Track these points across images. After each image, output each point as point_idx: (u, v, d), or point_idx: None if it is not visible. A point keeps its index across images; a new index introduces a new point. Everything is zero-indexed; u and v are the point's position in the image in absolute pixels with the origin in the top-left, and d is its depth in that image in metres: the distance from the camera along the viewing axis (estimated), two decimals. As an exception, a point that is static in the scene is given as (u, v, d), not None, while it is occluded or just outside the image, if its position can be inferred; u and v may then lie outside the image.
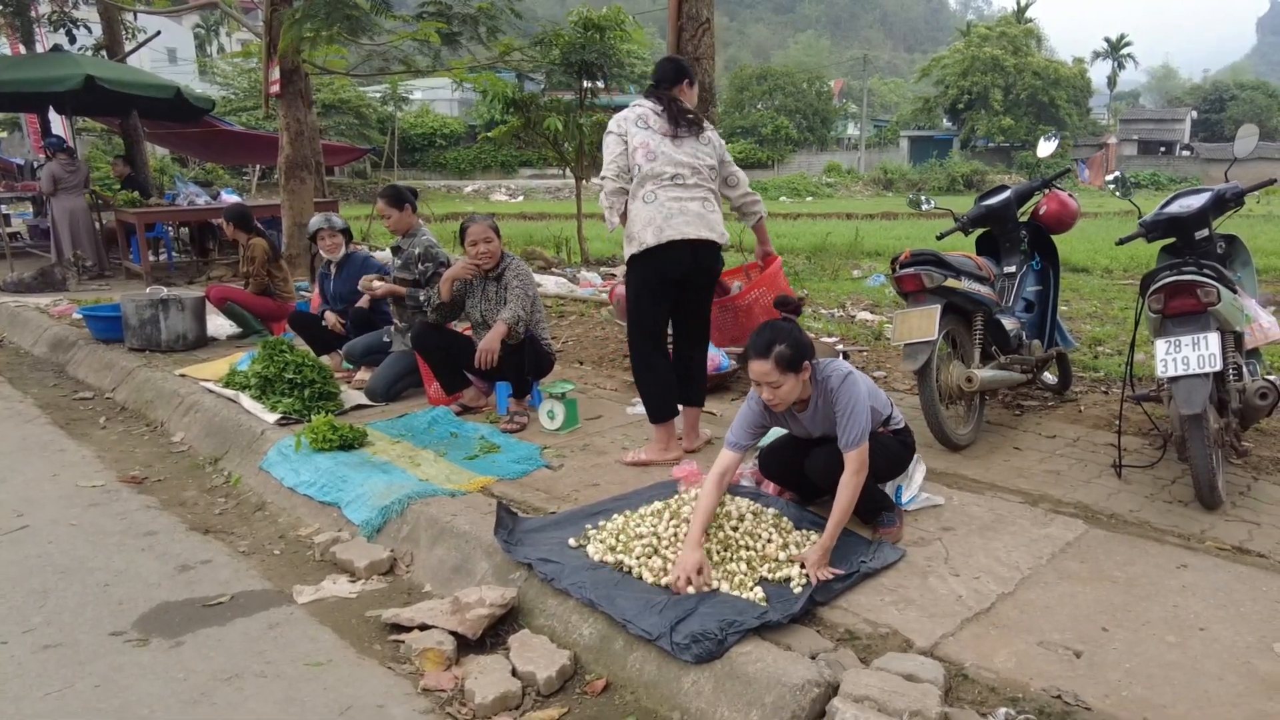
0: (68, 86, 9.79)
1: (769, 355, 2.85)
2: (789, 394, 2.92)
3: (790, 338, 2.88)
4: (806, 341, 2.94)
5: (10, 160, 17.48)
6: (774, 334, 2.90)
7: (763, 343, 2.88)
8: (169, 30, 34.00)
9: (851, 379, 2.98)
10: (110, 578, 3.24)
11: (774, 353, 2.85)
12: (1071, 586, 2.82)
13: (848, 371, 3.01)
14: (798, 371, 2.89)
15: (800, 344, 2.90)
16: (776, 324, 2.99)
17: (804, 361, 2.91)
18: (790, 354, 2.86)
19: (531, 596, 2.88)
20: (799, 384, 2.92)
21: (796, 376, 2.89)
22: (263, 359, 4.94)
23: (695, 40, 5.53)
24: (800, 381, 2.93)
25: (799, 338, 2.91)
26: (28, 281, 9.33)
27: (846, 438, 2.90)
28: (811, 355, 2.95)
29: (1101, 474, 3.81)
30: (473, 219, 4.63)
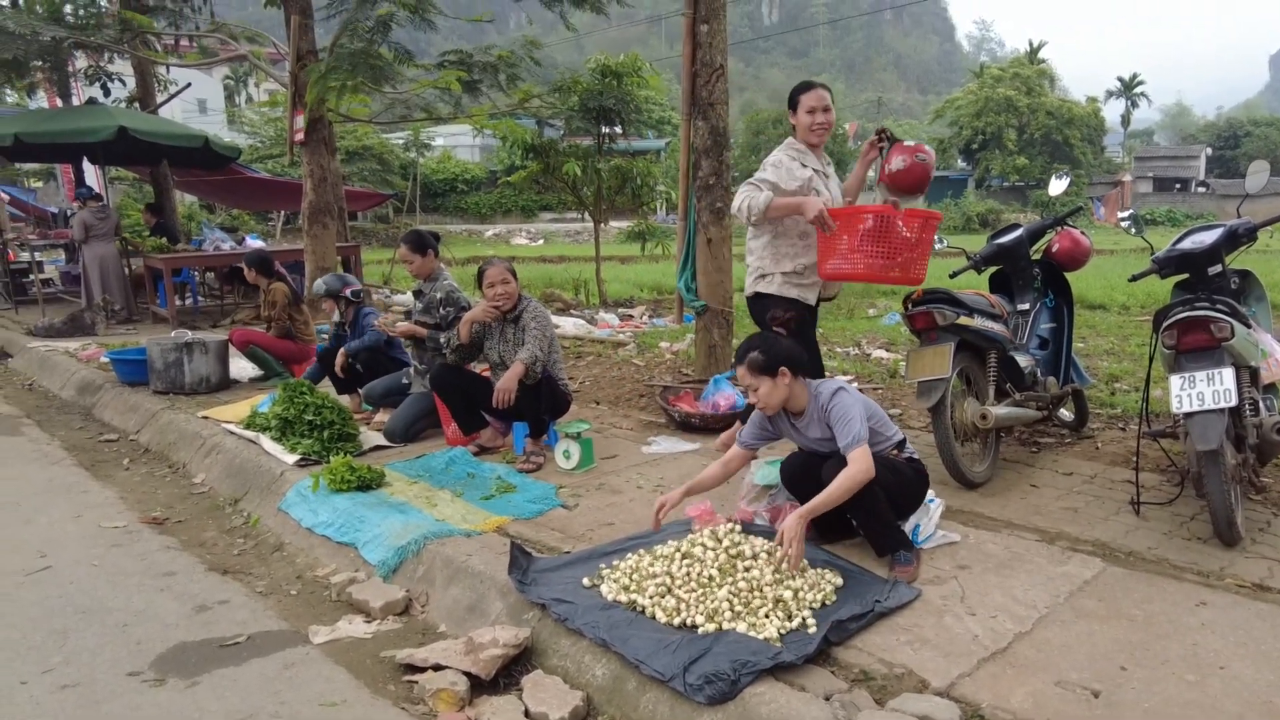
0: (101, 137, 10.10)
1: (744, 361, 3.17)
2: (768, 397, 3.18)
3: (764, 346, 3.16)
4: (783, 350, 3.17)
5: (45, 208, 17.97)
6: (750, 343, 3.20)
7: (741, 351, 3.21)
8: (200, 82, 34.97)
9: (843, 392, 3.19)
10: (129, 618, 3.28)
11: (748, 359, 3.15)
12: (1089, 625, 2.79)
13: (839, 386, 3.23)
14: (773, 375, 3.14)
15: (773, 351, 3.15)
16: (755, 335, 3.34)
17: (779, 367, 3.14)
18: (763, 359, 3.13)
19: (545, 636, 2.89)
20: (776, 387, 3.16)
21: (773, 380, 3.14)
22: (283, 401, 5.02)
23: (709, 86, 5.64)
24: (779, 386, 3.16)
25: (774, 346, 3.17)
26: (58, 326, 9.54)
27: (845, 440, 3.08)
28: (793, 364, 3.17)
29: (1119, 511, 3.78)
30: (490, 262, 4.72)
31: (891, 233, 3.64)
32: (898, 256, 3.66)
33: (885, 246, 3.66)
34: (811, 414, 3.25)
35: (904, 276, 3.73)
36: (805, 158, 4.05)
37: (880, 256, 3.66)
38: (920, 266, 3.77)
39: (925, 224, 3.77)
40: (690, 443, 4.97)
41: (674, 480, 4.32)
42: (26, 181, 28.61)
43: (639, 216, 12.72)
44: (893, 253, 3.66)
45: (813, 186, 4.00)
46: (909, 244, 3.67)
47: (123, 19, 11.01)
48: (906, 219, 3.67)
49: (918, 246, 3.72)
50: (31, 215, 17.09)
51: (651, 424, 5.48)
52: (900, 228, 3.65)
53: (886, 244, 3.65)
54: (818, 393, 3.23)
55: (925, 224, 3.77)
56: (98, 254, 10.39)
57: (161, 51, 12.99)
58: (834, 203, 3.99)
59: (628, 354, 7.83)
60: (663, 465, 4.60)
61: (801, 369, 3.24)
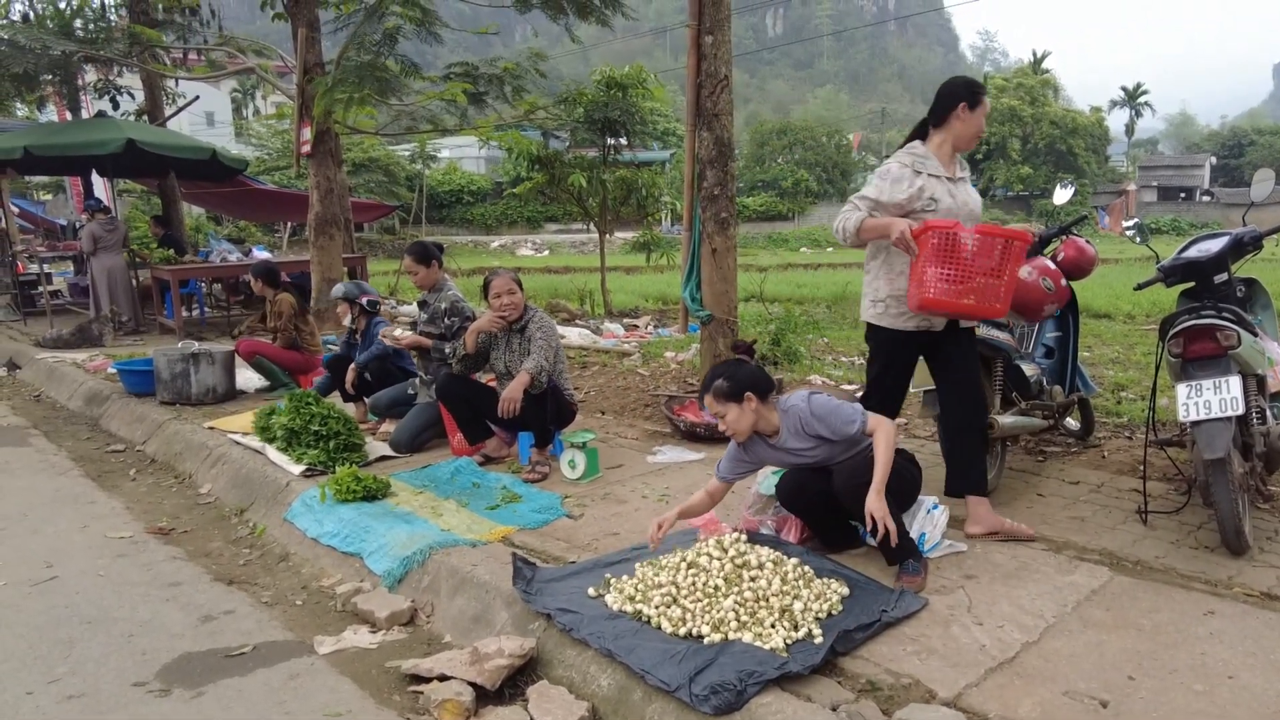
0: (110, 150, 10.18)
1: (709, 389, 3.21)
2: (736, 422, 3.19)
3: (729, 372, 3.20)
4: (750, 376, 3.20)
5: (54, 221, 18.09)
6: (715, 371, 3.25)
7: (708, 379, 3.25)
8: (208, 95, 35.28)
9: (816, 396, 3.25)
10: (135, 628, 3.28)
11: (713, 386, 3.20)
12: (1097, 635, 2.77)
13: (809, 393, 3.27)
14: (738, 402, 3.16)
15: (737, 377, 3.18)
16: (722, 362, 3.39)
17: (745, 392, 3.16)
18: (728, 385, 3.16)
19: (550, 647, 2.88)
20: (744, 413, 3.18)
21: (739, 406, 3.17)
22: (289, 411, 5.03)
23: (714, 97, 5.66)
24: (744, 411, 3.17)
25: (739, 372, 3.20)
26: (66, 337, 9.59)
27: (848, 422, 3.14)
28: (759, 388, 3.19)
29: (1126, 520, 3.76)
30: (496, 273, 4.74)
31: (957, 252, 3.19)
32: (969, 281, 3.21)
33: (953, 269, 3.21)
34: (786, 428, 3.25)
35: (979, 307, 3.26)
36: (925, 163, 3.46)
37: (950, 280, 3.20)
38: (1000, 296, 3.26)
39: (1006, 247, 3.23)
40: (695, 452, 4.97)
41: (679, 490, 4.32)
42: (35, 194, 28.83)
43: (644, 227, 12.76)
44: (963, 277, 3.20)
45: (929, 196, 3.42)
46: (985, 268, 3.21)
47: (132, 33, 11.11)
48: (980, 237, 3.22)
49: (999, 273, 3.22)
50: (40, 228, 17.21)
51: (656, 433, 5.48)
52: (966, 244, 3.19)
53: (954, 266, 3.20)
54: (787, 407, 3.25)
55: (1006, 247, 3.23)
56: (105, 266, 10.46)
57: (170, 65, 13.11)
58: (959, 211, 3.44)
59: (633, 364, 7.84)
60: (668, 475, 4.60)
61: (768, 392, 3.23)
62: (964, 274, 3.21)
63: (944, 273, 3.21)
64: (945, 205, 3.43)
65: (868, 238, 3.47)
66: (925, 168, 3.46)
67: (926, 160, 3.48)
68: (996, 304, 3.28)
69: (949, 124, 3.48)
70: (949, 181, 3.49)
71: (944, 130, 3.50)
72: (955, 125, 3.47)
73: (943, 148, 3.50)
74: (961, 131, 3.48)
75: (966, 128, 3.47)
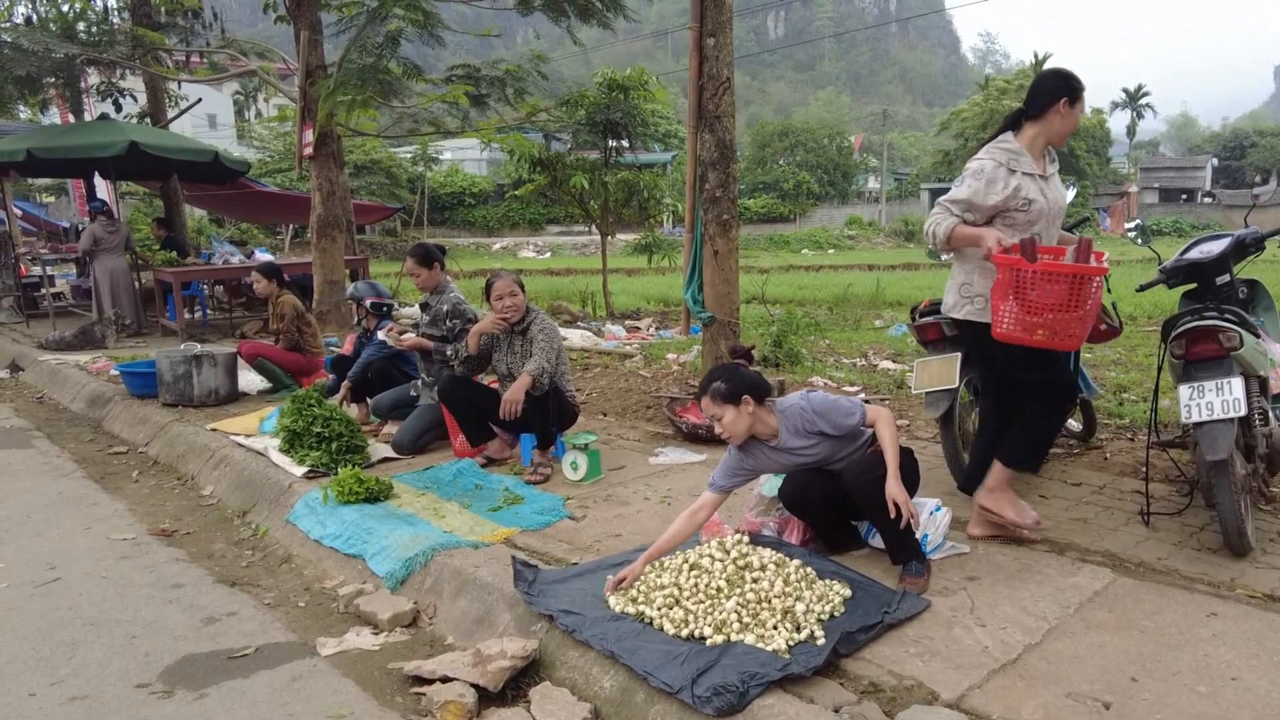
0: (112, 152, 10.20)
1: (707, 391, 3.19)
2: (732, 425, 3.16)
3: (726, 375, 3.18)
4: (747, 379, 3.18)
5: (56, 223, 18.12)
6: (713, 374, 3.23)
7: (705, 381, 3.23)
8: (210, 97, 35.32)
9: (813, 394, 3.29)
10: (138, 630, 3.29)
11: (711, 388, 3.17)
12: (1100, 636, 2.77)
13: (805, 392, 3.31)
14: (735, 404, 3.14)
15: (735, 380, 3.16)
16: (720, 365, 3.37)
17: (742, 395, 3.14)
18: (725, 388, 3.14)
19: (553, 648, 2.88)
20: (740, 416, 3.15)
21: (735, 409, 3.14)
22: (291, 413, 5.03)
23: (716, 99, 5.67)
24: (741, 414, 3.15)
25: (737, 375, 3.19)
26: (68, 339, 9.60)
27: (849, 415, 3.20)
28: (756, 392, 3.17)
29: (1128, 521, 3.76)
30: (498, 275, 4.74)
31: (1023, 287, 3.04)
32: (1039, 315, 3.05)
33: (1020, 305, 3.06)
34: (786, 429, 3.25)
35: (1051, 340, 3.09)
36: (1019, 160, 3.29)
37: (1017, 315, 3.07)
38: (1073, 330, 3.07)
39: (1076, 284, 2.99)
40: (697, 453, 4.97)
41: (681, 491, 4.32)
42: (38, 197, 28.89)
43: (646, 229, 12.77)
44: (1031, 310, 3.05)
45: (1024, 197, 3.28)
46: (1054, 305, 3.02)
47: (135, 36, 11.13)
48: (1044, 274, 3.01)
49: (1071, 307, 3.02)
50: (43, 230, 17.25)
51: (658, 435, 5.48)
52: (1028, 279, 3.02)
53: (1021, 302, 3.05)
54: (785, 408, 3.26)
55: (1076, 284, 2.99)
56: (108, 268, 10.47)
57: (173, 68, 13.13)
58: (1050, 210, 3.33)
59: (634, 365, 7.84)
60: (670, 476, 4.60)
61: (765, 395, 3.22)
62: (1031, 309, 3.05)
63: (1011, 307, 3.08)
64: (1039, 206, 3.29)
65: (958, 246, 3.34)
66: (1019, 165, 3.29)
67: (1020, 157, 3.31)
68: (1070, 337, 3.10)
69: (1047, 118, 3.31)
70: (1041, 179, 3.34)
71: (1040, 124, 3.32)
72: (1054, 120, 3.31)
73: (1036, 142, 3.35)
74: (1060, 128, 3.33)
75: (1065, 124, 3.32)
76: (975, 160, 3.35)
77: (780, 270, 22.12)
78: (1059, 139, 3.36)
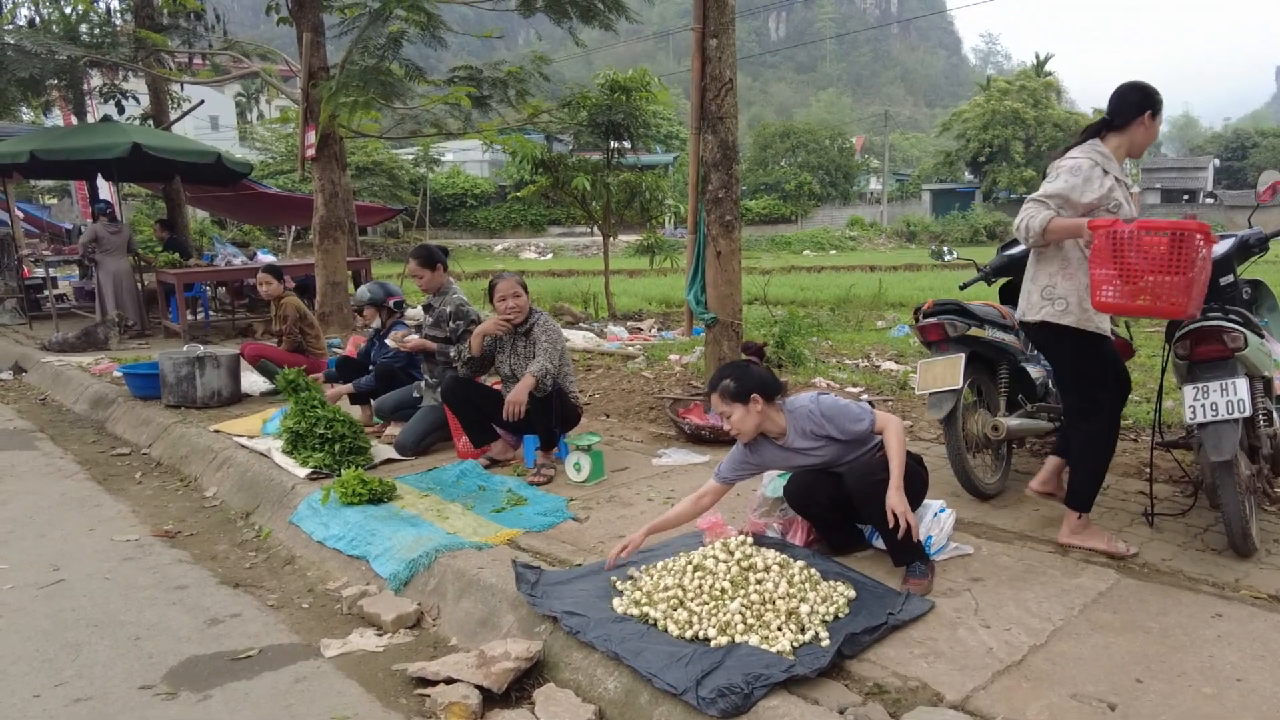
0: (115, 154, 10.21)
1: (716, 389, 3.21)
2: (741, 423, 3.18)
3: (736, 373, 3.20)
4: (757, 378, 3.20)
5: (60, 225, 18.14)
6: (722, 371, 3.24)
7: (715, 379, 3.25)
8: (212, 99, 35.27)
9: (823, 396, 3.28)
10: (141, 631, 3.29)
11: (720, 386, 3.19)
12: (1105, 637, 2.77)
13: (817, 394, 3.31)
14: (744, 403, 3.16)
15: (744, 378, 3.17)
16: (729, 363, 3.37)
17: (751, 394, 3.15)
18: (735, 386, 3.16)
19: (557, 649, 2.88)
20: (749, 414, 3.17)
21: (744, 407, 3.16)
22: (294, 414, 5.03)
23: (719, 100, 5.67)
24: (750, 412, 3.17)
25: (747, 373, 3.20)
26: (71, 341, 9.61)
27: (856, 420, 3.19)
28: (765, 390, 3.18)
29: (1133, 522, 3.75)
30: (501, 276, 4.74)
31: (1120, 251, 2.99)
32: (1138, 280, 2.98)
33: (1116, 269, 3.00)
34: (793, 429, 3.26)
35: (1154, 306, 2.99)
36: (1110, 164, 3.33)
37: (1115, 281, 3.01)
38: (1177, 294, 2.94)
39: (1179, 241, 2.91)
40: (700, 454, 4.97)
41: (684, 492, 4.29)
42: (41, 198, 28.92)
43: (648, 230, 12.77)
44: (1129, 276, 2.98)
45: (1116, 198, 3.30)
46: (1153, 266, 2.94)
47: (137, 38, 11.15)
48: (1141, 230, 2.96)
49: (1174, 268, 2.92)
50: (45, 231, 17.26)
51: (661, 436, 5.48)
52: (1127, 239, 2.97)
53: (1118, 266, 3.00)
54: (794, 408, 3.27)
55: (1179, 241, 2.91)
56: (111, 270, 10.49)
57: (175, 69, 13.15)
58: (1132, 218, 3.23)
59: (637, 366, 7.84)
60: (673, 477, 4.60)
61: (775, 394, 3.22)
62: (1129, 274, 2.99)
63: (1107, 274, 3.03)
64: (1125, 212, 3.28)
65: (1054, 238, 3.30)
66: (1111, 169, 3.34)
67: (1110, 161, 3.35)
68: (1175, 304, 2.97)
69: (1131, 130, 3.36)
70: (1124, 187, 3.38)
71: (1124, 135, 3.38)
72: (1137, 131, 3.36)
73: (1118, 150, 3.40)
74: (1141, 139, 3.39)
75: (1146, 135, 3.38)
76: (1070, 158, 3.37)
77: (782, 271, 22.11)
78: (1139, 150, 3.42)
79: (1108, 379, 3.48)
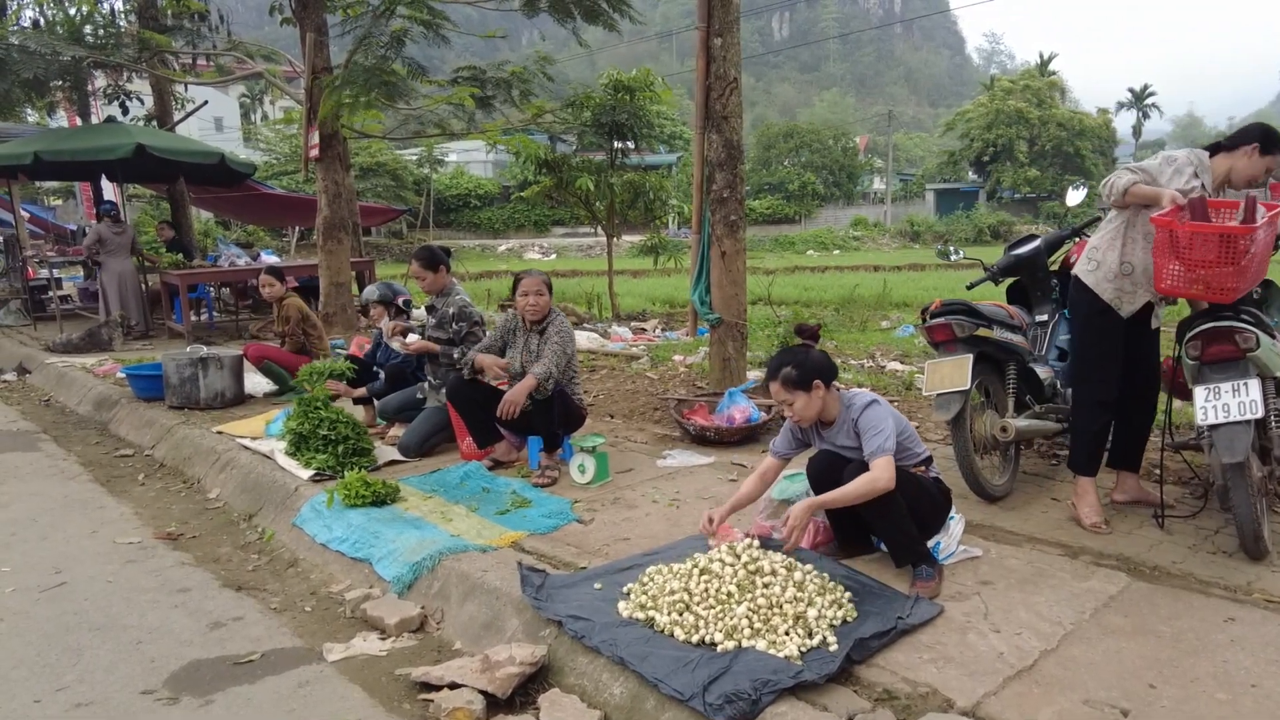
0: (119, 154, 10.20)
1: (777, 377, 3.18)
2: (803, 410, 3.18)
3: (796, 360, 3.16)
4: (816, 363, 3.16)
5: (65, 226, 18.16)
6: (782, 358, 3.20)
7: (774, 366, 3.21)
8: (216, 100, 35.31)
9: (876, 405, 3.18)
10: (143, 635, 3.27)
11: (781, 374, 3.16)
12: (1116, 642, 2.74)
13: (872, 399, 3.22)
14: (807, 390, 3.14)
15: (806, 365, 3.14)
16: (789, 348, 3.31)
17: (813, 380, 3.14)
18: (796, 374, 3.13)
19: (562, 654, 2.85)
20: (811, 400, 3.16)
21: (806, 394, 3.15)
22: (298, 416, 5.01)
23: (723, 99, 5.64)
24: (812, 398, 3.16)
25: (807, 359, 3.16)
26: (75, 342, 9.61)
27: (871, 447, 3.07)
28: (825, 375, 3.17)
29: (1142, 525, 3.72)
30: (528, 273, 4.72)
31: (1176, 245, 3.24)
32: (1194, 271, 3.24)
33: (1178, 263, 3.27)
34: (842, 423, 3.24)
35: (1208, 292, 3.29)
36: (1204, 172, 3.51)
37: (1176, 272, 3.29)
38: (1229, 282, 3.21)
39: (1225, 242, 3.14)
40: (705, 456, 4.93)
41: (690, 494, 4.29)
42: (46, 200, 28.97)
43: (651, 230, 12.74)
44: (1191, 265, 3.24)
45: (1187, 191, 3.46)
46: (1206, 260, 3.19)
47: (141, 39, 11.14)
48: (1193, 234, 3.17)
49: (1228, 260, 3.16)
50: (50, 233, 17.27)
51: (666, 437, 5.45)
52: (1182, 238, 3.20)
53: (1178, 259, 3.26)
54: (850, 403, 3.23)
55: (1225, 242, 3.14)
56: (115, 270, 10.49)
57: (179, 70, 13.15)
58: None
59: (641, 367, 7.81)
60: (678, 479, 4.57)
61: (833, 378, 3.23)
62: (1187, 264, 3.25)
63: (1170, 265, 3.31)
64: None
65: (1132, 201, 3.52)
66: (1204, 177, 3.52)
67: (1205, 170, 3.54)
68: (1226, 291, 3.25)
69: (1235, 154, 3.51)
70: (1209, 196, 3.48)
71: (1230, 157, 3.53)
72: (1240, 159, 3.50)
73: (1219, 166, 3.54)
74: (1242, 168, 3.50)
75: (1248, 166, 3.49)
76: (1173, 151, 3.66)
77: (785, 271, 22.07)
78: (1240, 179, 3.52)
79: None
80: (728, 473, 4.65)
